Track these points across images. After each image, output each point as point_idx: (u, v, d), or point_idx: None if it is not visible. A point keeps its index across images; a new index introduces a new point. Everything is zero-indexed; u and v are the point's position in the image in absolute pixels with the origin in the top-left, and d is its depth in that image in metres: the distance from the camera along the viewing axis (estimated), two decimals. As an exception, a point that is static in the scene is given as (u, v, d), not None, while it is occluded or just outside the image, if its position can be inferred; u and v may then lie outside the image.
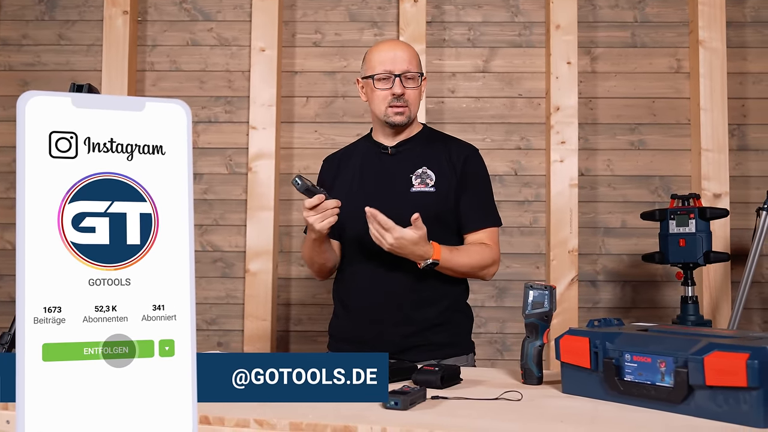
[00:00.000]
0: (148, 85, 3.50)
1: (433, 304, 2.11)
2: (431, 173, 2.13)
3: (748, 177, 3.38)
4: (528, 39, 3.48)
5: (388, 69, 2.11)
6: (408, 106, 2.13)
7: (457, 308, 2.20)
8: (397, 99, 2.11)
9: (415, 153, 2.18)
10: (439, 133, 2.32)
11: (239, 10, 3.52)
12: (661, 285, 3.38)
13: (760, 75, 3.42)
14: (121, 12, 3.40)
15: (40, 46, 3.51)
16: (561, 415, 1.35)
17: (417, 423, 1.26)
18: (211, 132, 3.48)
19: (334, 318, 2.30)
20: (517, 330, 3.34)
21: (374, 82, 2.13)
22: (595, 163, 3.42)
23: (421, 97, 2.20)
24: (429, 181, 2.12)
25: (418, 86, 2.13)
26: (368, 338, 2.11)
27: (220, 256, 3.45)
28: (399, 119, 2.13)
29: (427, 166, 2.14)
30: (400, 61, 2.11)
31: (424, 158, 2.16)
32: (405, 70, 2.10)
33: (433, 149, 2.19)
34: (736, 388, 1.26)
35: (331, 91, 3.49)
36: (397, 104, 2.12)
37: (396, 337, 2.08)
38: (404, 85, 2.11)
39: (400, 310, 2.09)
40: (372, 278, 2.13)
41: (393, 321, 2.09)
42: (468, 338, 2.22)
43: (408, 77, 2.11)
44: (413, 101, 2.14)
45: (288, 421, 1.27)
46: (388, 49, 2.15)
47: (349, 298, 2.20)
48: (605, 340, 1.48)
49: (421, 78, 2.15)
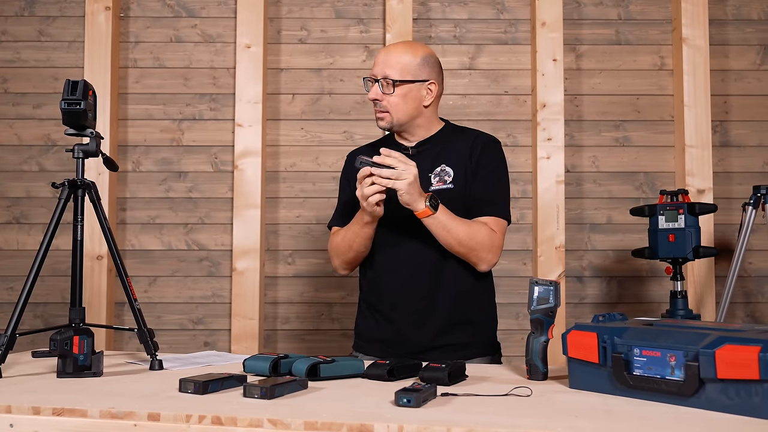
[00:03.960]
0: (132, 82, 3.45)
1: (456, 304, 2.09)
2: (449, 170, 2.10)
3: (730, 173, 3.42)
4: (514, 36, 3.49)
5: (372, 72, 2.10)
6: (388, 112, 2.09)
7: (482, 308, 2.17)
8: (374, 104, 2.10)
9: (435, 151, 2.14)
10: (461, 127, 2.27)
11: (223, 6, 3.48)
12: (646, 280, 3.42)
13: (741, 72, 3.47)
14: (103, 8, 3.35)
15: (19, 42, 3.45)
16: (574, 410, 1.35)
17: (433, 420, 1.25)
18: (196, 129, 3.44)
19: (361, 318, 2.25)
20: (505, 326, 3.34)
21: (366, 84, 2.13)
22: (581, 159, 3.45)
23: (413, 103, 2.09)
24: (447, 178, 2.09)
25: (390, 92, 2.06)
26: (392, 339, 2.11)
27: (206, 255, 3.41)
28: (380, 124, 2.12)
29: (446, 163, 2.11)
30: (381, 65, 2.08)
31: (444, 155, 2.13)
32: (383, 75, 2.06)
33: (453, 145, 2.15)
34: (748, 381, 1.27)
35: (317, 88, 3.47)
36: (376, 109, 2.11)
37: (419, 338, 2.07)
38: (383, 91, 2.07)
39: (423, 310, 2.08)
40: (399, 278, 2.11)
41: (417, 322, 2.08)
42: (493, 338, 2.19)
43: (386, 82, 2.06)
44: (394, 108, 2.08)
45: (302, 420, 1.26)
46: (381, 52, 2.12)
47: (376, 299, 2.17)
48: (613, 335, 1.48)
49: (401, 84, 2.05)
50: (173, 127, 3.44)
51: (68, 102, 1.85)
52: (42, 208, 3.40)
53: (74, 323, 1.83)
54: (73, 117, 1.86)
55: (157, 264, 3.41)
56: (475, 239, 2.01)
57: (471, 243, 2.01)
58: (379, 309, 2.15)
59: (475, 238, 2.01)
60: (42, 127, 3.42)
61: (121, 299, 3.33)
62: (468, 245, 2.01)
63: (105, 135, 3.25)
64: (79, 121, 1.87)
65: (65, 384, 1.60)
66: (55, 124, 3.39)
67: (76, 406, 1.34)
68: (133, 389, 1.55)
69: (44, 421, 1.33)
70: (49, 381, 1.64)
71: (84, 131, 1.90)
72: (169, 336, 3.36)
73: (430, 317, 2.08)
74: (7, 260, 3.38)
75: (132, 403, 1.38)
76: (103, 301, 3.26)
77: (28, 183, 3.41)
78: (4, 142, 3.42)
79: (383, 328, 2.14)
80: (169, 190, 3.43)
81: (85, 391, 1.52)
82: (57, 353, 1.69)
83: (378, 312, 2.16)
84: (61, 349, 1.68)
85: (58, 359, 1.69)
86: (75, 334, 1.70)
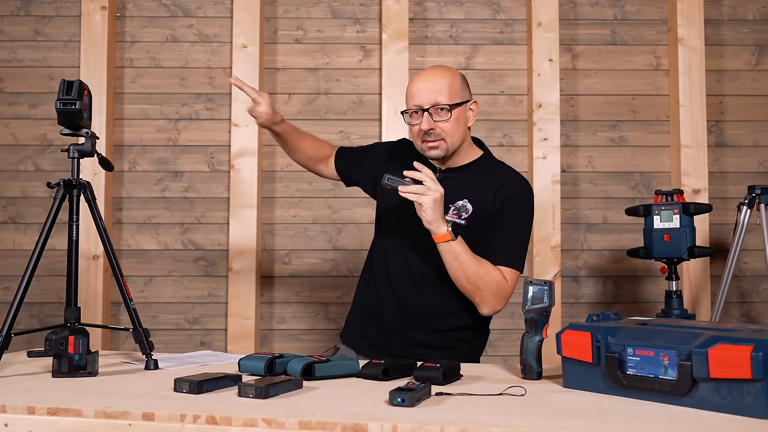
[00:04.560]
0: (128, 81, 3.45)
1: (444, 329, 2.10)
2: (469, 207, 2.04)
3: (726, 173, 3.43)
4: (510, 36, 3.50)
5: (416, 103, 2.01)
6: (443, 139, 2.02)
7: (467, 340, 2.15)
8: (428, 134, 2.02)
9: (462, 182, 2.08)
10: (498, 162, 2.19)
11: (220, 6, 3.48)
12: (641, 280, 3.43)
13: (737, 72, 3.48)
14: (99, 7, 3.35)
15: (15, 42, 3.45)
16: (568, 410, 1.36)
17: (427, 419, 1.25)
18: (192, 129, 3.44)
19: (353, 312, 2.29)
20: (501, 326, 3.36)
21: (405, 117, 2.07)
22: (577, 159, 3.45)
23: (462, 125, 2.05)
24: (464, 214, 2.04)
25: (447, 118, 2.00)
26: (377, 342, 2.14)
27: (202, 254, 3.41)
28: (434, 153, 2.04)
29: (469, 199, 2.05)
30: (427, 93, 2.00)
31: (469, 190, 2.07)
32: (433, 102, 1.99)
33: (482, 181, 2.09)
34: (741, 380, 1.28)
35: (313, 88, 3.48)
36: (428, 140, 2.02)
37: (401, 348, 2.08)
38: (434, 119, 1.99)
39: (411, 326, 2.10)
40: (397, 294, 2.12)
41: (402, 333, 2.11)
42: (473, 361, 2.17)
43: (438, 109, 1.99)
44: (448, 133, 2.01)
45: (297, 419, 1.26)
46: (419, 80, 2.04)
47: (370, 302, 2.19)
48: (607, 335, 1.49)
49: (455, 107, 2.01)
50: (169, 126, 3.44)
51: (63, 102, 1.85)
52: (38, 207, 3.40)
53: (69, 323, 1.83)
54: (68, 117, 1.87)
55: (154, 264, 3.41)
56: (484, 280, 1.97)
57: (479, 282, 1.97)
58: (371, 312, 2.18)
59: (484, 279, 1.97)
60: (38, 127, 3.42)
61: (117, 299, 3.33)
62: (476, 283, 1.97)
63: (101, 135, 3.25)
64: (75, 121, 1.87)
65: (60, 384, 1.60)
66: (51, 124, 3.39)
67: (71, 406, 1.34)
68: (128, 389, 1.55)
69: (39, 421, 1.33)
70: (44, 381, 1.64)
71: (79, 131, 1.90)
72: (165, 336, 3.36)
73: (416, 332, 2.09)
74: (3, 260, 3.38)
75: (127, 402, 1.38)
76: (99, 301, 3.26)
77: (24, 183, 3.41)
78: (0, 141, 3.41)
79: (369, 329, 2.17)
80: (166, 190, 3.43)
81: (80, 390, 1.52)
82: (52, 353, 1.69)
83: (368, 314, 2.18)
84: (57, 348, 1.68)
85: (54, 359, 1.69)
86: (70, 334, 1.70)
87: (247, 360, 1.70)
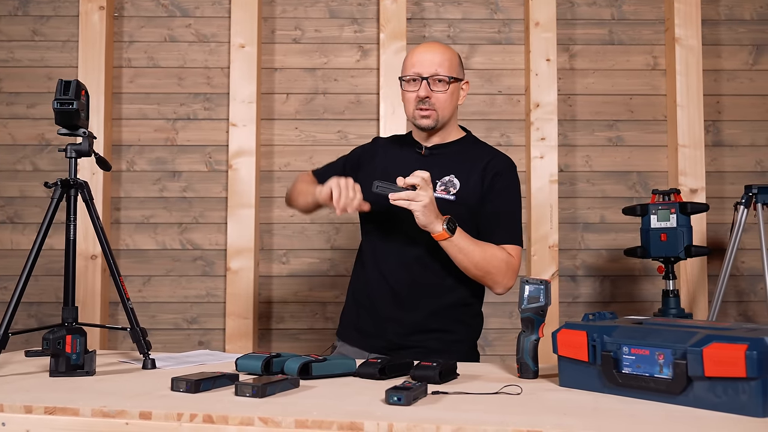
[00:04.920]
0: (126, 81, 3.45)
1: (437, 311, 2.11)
2: (456, 182, 2.10)
3: (723, 172, 3.44)
4: (507, 36, 3.51)
5: (416, 71, 2.08)
6: (435, 110, 2.09)
7: (463, 320, 2.17)
8: (423, 102, 2.08)
9: (448, 159, 2.14)
10: (481, 142, 2.26)
11: (218, 6, 3.49)
12: (639, 279, 3.43)
13: (734, 72, 3.48)
14: (97, 7, 3.35)
15: (13, 42, 3.45)
16: (563, 408, 1.36)
17: (422, 418, 1.26)
18: (190, 129, 3.45)
19: (347, 306, 2.30)
20: (499, 325, 3.37)
21: (403, 84, 2.12)
22: (574, 159, 3.46)
23: (455, 101, 2.14)
24: (452, 189, 2.08)
25: (446, 90, 2.08)
26: (371, 332, 2.15)
27: (200, 254, 3.42)
28: (425, 122, 2.11)
29: (455, 175, 2.11)
30: (428, 63, 2.07)
31: (455, 166, 2.13)
32: (433, 73, 2.06)
33: (467, 158, 2.15)
34: (735, 379, 1.28)
35: (311, 88, 3.48)
36: (422, 107, 2.09)
37: (395, 336, 2.10)
38: (432, 89, 2.06)
39: (404, 308, 2.10)
40: (387, 278, 2.13)
41: (395, 319, 2.11)
42: (470, 347, 2.19)
43: (437, 80, 2.06)
44: (441, 105, 2.09)
45: (293, 418, 1.26)
46: (421, 51, 2.11)
47: (361, 293, 2.22)
48: (603, 334, 1.49)
49: (452, 82, 2.09)
50: (167, 126, 3.45)
51: (60, 102, 1.85)
52: (36, 207, 3.40)
53: (67, 322, 1.84)
54: (65, 117, 1.87)
55: (152, 263, 3.41)
56: (492, 263, 2.03)
57: (488, 267, 2.03)
58: (363, 303, 2.19)
59: (492, 262, 2.03)
60: (36, 127, 3.42)
61: (115, 299, 3.33)
62: (485, 269, 2.03)
63: (99, 135, 3.25)
64: (72, 121, 1.88)
65: (58, 383, 1.60)
66: (49, 124, 3.39)
67: (69, 405, 1.34)
68: (126, 388, 1.55)
69: (36, 420, 1.33)
70: (41, 380, 1.65)
71: (77, 131, 1.90)
72: (163, 335, 3.36)
73: (409, 317, 2.10)
74: (1, 260, 3.38)
75: (124, 401, 1.39)
76: (97, 301, 3.27)
77: (22, 182, 3.41)
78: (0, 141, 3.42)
79: (364, 321, 2.18)
80: (164, 190, 3.43)
81: (77, 389, 1.52)
82: (50, 352, 1.69)
83: (361, 306, 2.20)
84: (54, 348, 1.69)
85: (51, 358, 1.70)
86: (68, 333, 1.71)
87: (244, 359, 1.71)
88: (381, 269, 2.15)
